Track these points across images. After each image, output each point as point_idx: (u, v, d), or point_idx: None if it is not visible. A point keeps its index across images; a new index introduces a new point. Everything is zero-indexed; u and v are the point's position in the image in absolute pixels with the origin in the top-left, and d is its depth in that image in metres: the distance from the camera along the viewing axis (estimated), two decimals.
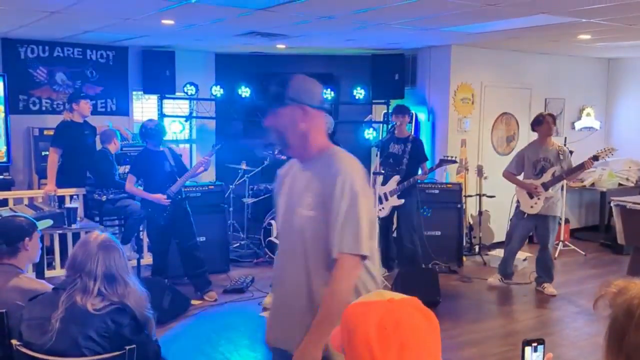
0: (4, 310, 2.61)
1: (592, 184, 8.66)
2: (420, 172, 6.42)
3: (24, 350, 2.28)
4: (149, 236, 6.16)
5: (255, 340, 5.01)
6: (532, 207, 6.03)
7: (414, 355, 1.13)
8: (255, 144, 7.86)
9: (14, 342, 2.34)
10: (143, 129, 5.71)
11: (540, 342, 1.77)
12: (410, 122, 7.33)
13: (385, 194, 6.40)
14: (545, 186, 5.96)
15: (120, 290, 2.40)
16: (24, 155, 7.42)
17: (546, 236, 6.09)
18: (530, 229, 6.32)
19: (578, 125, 8.97)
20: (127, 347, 2.27)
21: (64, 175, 6.32)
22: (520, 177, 6.21)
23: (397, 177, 6.35)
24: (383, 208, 6.41)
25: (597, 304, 1.40)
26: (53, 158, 6.24)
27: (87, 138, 6.46)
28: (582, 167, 5.98)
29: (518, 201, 6.21)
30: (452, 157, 6.47)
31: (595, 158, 6.00)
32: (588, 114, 9.00)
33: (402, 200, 6.37)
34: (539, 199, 5.99)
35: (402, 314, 1.17)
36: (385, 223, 6.63)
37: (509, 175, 6.25)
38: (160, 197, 5.61)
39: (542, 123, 6.05)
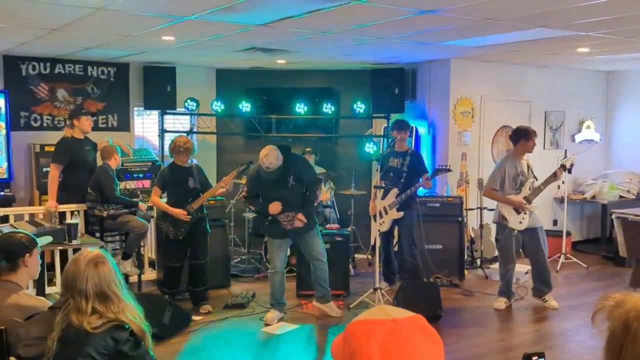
0: (2, 328, 2.60)
1: (593, 197, 8.65)
2: (420, 181, 6.39)
3: None
4: (164, 251, 6.14)
5: (256, 355, 4.98)
6: (520, 222, 5.95)
7: None
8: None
9: (12, 359, 2.33)
10: (172, 144, 5.79)
11: (541, 355, 1.76)
12: (410, 137, 7.34)
13: (385, 208, 6.39)
14: (528, 200, 5.90)
15: (114, 308, 2.38)
16: (25, 172, 7.44)
17: (537, 249, 6.02)
18: (521, 243, 6.19)
19: (578, 137, 8.97)
20: None
21: (65, 191, 6.33)
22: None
23: (395, 190, 6.35)
24: (383, 222, 6.40)
25: (595, 317, 1.40)
26: (54, 174, 6.25)
27: (88, 154, 6.48)
28: (554, 175, 5.99)
29: (502, 219, 6.03)
30: (446, 165, 6.44)
31: (563, 167, 6.09)
32: (588, 127, 9.00)
33: (402, 213, 6.36)
34: (526, 213, 5.93)
35: (406, 336, 1.16)
36: (386, 237, 6.61)
37: (492, 192, 6.06)
38: (181, 213, 5.65)
39: (529, 139, 5.94)
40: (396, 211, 6.38)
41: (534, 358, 1.75)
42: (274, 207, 5.48)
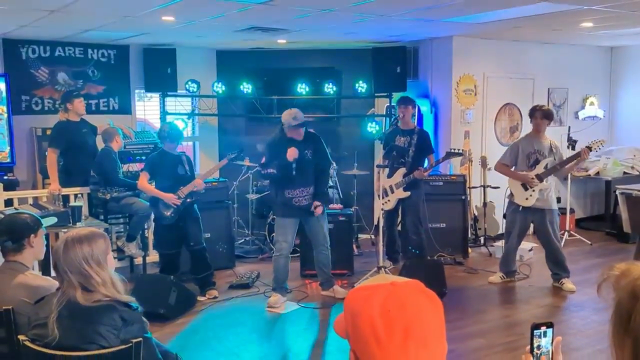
0: (10, 307, 2.62)
1: (597, 173, 8.63)
2: (426, 163, 6.37)
3: (30, 345, 2.29)
4: (158, 238, 6.11)
5: (262, 334, 5.01)
6: (527, 199, 5.92)
7: (419, 336, 1.12)
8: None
9: (21, 337, 2.34)
10: (162, 131, 5.82)
11: (549, 325, 1.75)
12: (414, 114, 7.29)
13: (390, 187, 6.38)
14: (540, 177, 5.85)
15: (94, 282, 2.38)
16: (27, 156, 7.43)
17: (546, 231, 5.96)
18: (529, 222, 6.16)
19: (582, 114, 8.93)
20: (134, 340, 2.26)
21: (66, 175, 6.31)
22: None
23: (402, 170, 6.33)
24: (389, 200, 6.40)
25: (601, 287, 1.39)
26: (52, 158, 6.23)
27: (86, 136, 6.42)
28: (577, 156, 5.86)
29: (511, 195, 6.08)
30: (457, 149, 6.40)
31: (590, 148, 5.93)
32: (592, 103, 8.96)
33: (409, 193, 6.35)
34: (534, 190, 5.89)
35: (406, 297, 1.16)
36: (390, 216, 6.61)
37: (502, 167, 6.10)
38: (171, 197, 5.59)
39: (533, 117, 5.98)
40: (403, 190, 6.36)
41: (542, 328, 1.74)
42: (292, 152, 5.36)
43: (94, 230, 2.53)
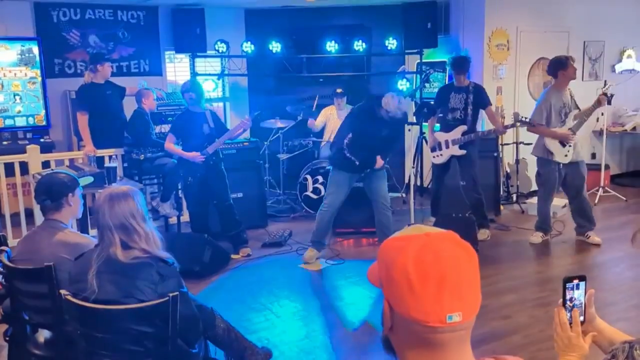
0: (52, 264, 2.70)
1: (634, 128, 8.44)
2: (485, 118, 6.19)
3: (72, 299, 2.37)
4: (186, 197, 6.24)
5: (295, 291, 5.10)
6: (566, 155, 5.77)
7: (454, 287, 1.13)
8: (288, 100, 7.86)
9: (62, 292, 2.42)
10: (184, 89, 5.83)
11: (582, 278, 1.75)
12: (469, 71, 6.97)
13: (446, 141, 6.31)
14: (573, 131, 5.72)
15: (138, 238, 2.44)
16: (62, 118, 7.56)
17: (580, 183, 5.85)
18: (563, 177, 5.98)
19: (618, 67, 8.68)
20: (171, 294, 2.33)
21: (97, 137, 6.36)
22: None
23: (463, 127, 6.21)
24: (441, 155, 6.37)
25: (636, 237, 1.38)
26: (82, 122, 6.32)
27: (109, 98, 6.45)
28: (598, 103, 5.69)
29: (547, 153, 5.87)
30: (526, 118, 5.99)
31: (605, 94, 5.73)
32: (629, 56, 8.69)
33: (464, 151, 6.24)
34: (570, 145, 5.76)
35: (441, 247, 1.16)
36: (440, 171, 6.54)
37: (538, 127, 5.84)
38: (195, 155, 5.69)
39: (568, 67, 5.72)
40: (459, 148, 6.28)
41: (574, 281, 1.75)
42: (379, 162, 5.46)
43: (130, 187, 2.59)
